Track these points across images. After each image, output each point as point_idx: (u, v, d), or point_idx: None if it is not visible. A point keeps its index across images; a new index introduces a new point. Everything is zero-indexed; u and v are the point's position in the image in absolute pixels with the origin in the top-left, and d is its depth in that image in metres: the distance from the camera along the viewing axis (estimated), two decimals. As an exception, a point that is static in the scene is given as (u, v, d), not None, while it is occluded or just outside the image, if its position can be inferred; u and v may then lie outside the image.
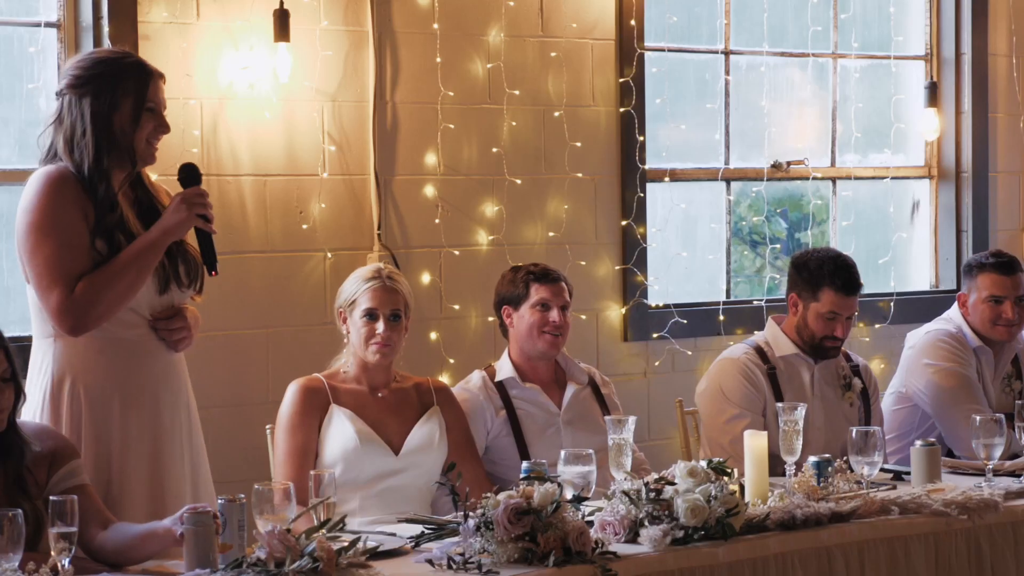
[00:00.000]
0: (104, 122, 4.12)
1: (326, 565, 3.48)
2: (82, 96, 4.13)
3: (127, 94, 4.15)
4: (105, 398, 4.13)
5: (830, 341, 5.34)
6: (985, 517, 4.49)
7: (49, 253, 4.04)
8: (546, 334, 5.05)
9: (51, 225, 4.05)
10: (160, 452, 4.21)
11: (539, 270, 5.13)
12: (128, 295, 4.09)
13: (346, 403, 4.70)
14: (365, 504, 4.61)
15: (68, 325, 4.07)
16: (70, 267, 4.04)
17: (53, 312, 4.07)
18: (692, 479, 4.00)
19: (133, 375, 4.17)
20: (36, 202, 4.08)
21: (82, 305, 4.03)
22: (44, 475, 3.84)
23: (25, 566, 3.41)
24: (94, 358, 4.13)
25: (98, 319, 4.07)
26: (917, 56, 7.41)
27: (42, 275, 4.06)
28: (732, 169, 6.90)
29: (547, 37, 6.26)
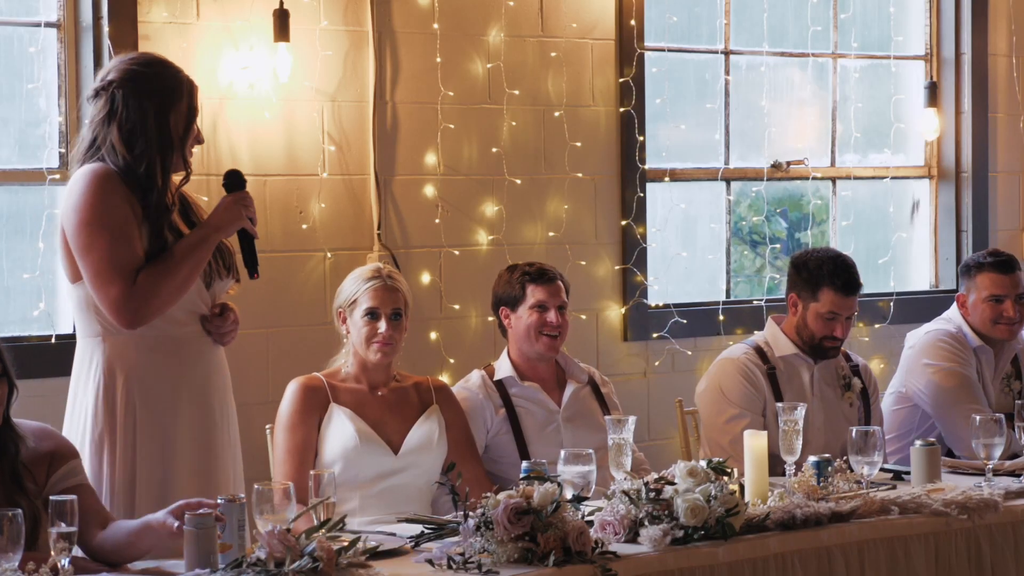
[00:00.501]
0: (162, 122, 4.13)
1: (326, 565, 3.47)
2: (141, 93, 4.14)
3: (182, 99, 4.17)
4: (159, 395, 4.14)
5: (829, 341, 5.34)
6: (985, 517, 4.49)
7: (105, 248, 4.04)
8: (544, 336, 5.05)
9: (103, 220, 4.06)
10: (212, 447, 4.24)
11: (535, 270, 5.11)
12: (184, 288, 4.11)
13: (346, 402, 4.70)
14: (365, 503, 4.61)
15: (127, 318, 4.06)
16: (127, 260, 4.05)
17: (112, 305, 4.05)
18: (692, 479, 4.00)
19: (185, 371, 4.18)
20: (85, 199, 4.08)
21: (142, 297, 4.04)
22: (43, 474, 3.84)
23: (25, 566, 3.41)
24: (146, 356, 4.14)
25: (156, 312, 4.08)
26: (917, 56, 7.41)
27: (99, 270, 4.05)
28: (732, 169, 6.90)
29: (547, 37, 6.26)
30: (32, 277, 5.39)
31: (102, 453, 4.12)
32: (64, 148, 5.40)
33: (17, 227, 5.43)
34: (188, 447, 4.18)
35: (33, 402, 4.82)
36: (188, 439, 4.18)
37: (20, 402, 4.17)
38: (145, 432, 4.12)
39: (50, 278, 5.44)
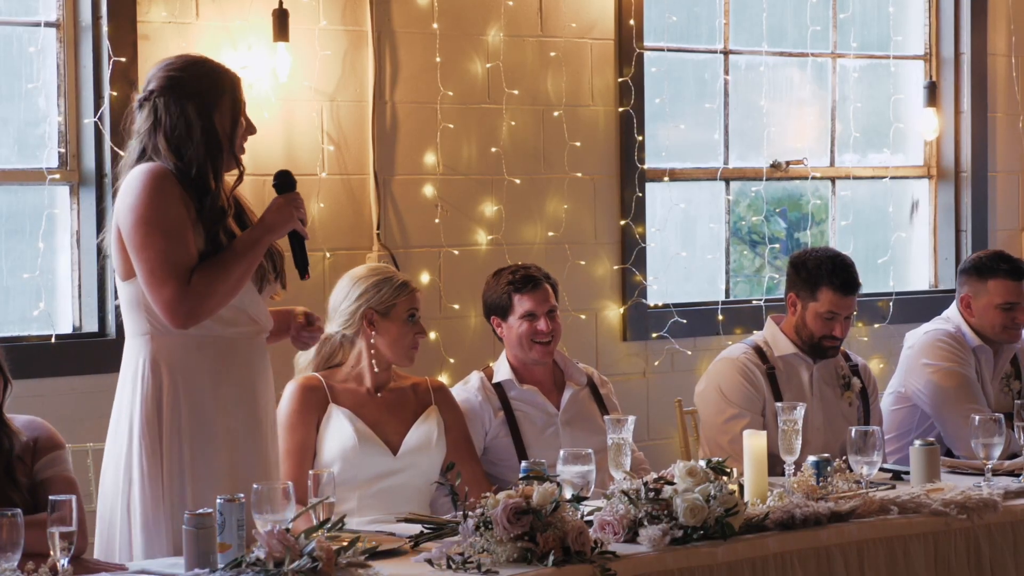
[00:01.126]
0: (208, 123, 4.12)
1: (325, 565, 3.48)
2: (182, 98, 4.11)
3: (224, 95, 4.16)
4: (206, 394, 4.13)
5: (828, 341, 5.34)
6: (984, 517, 4.49)
7: (160, 247, 4.03)
8: (537, 344, 5.04)
9: (159, 219, 4.04)
10: (259, 449, 4.22)
11: (519, 277, 5.05)
12: (237, 289, 4.10)
13: (344, 402, 4.70)
14: (363, 504, 4.61)
15: (181, 317, 4.05)
16: (182, 260, 4.04)
17: (166, 305, 4.04)
18: (691, 479, 4.00)
19: (231, 372, 4.17)
20: (141, 197, 4.05)
21: (196, 297, 4.03)
22: (29, 463, 3.87)
23: (24, 566, 3.42)
24: (193, 355, 4.13)
25: (209, 312, 4.07)
26: (916, 56, 7.41)
27: (154, 269, 4.03)
28: (731, 169, 6.90)
29: (546, 37, 6.26)
30: (32, 277, 5.39)
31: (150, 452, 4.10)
32: (63, 148, 5.41)
33: (16, 227, 5.43)
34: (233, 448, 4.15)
35: (33, 401, 4.83)
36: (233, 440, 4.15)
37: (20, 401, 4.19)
38: (190, 431, 4.10)
39: (50, 278, 5.45)
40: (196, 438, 4.10)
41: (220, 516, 3.59)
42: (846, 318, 5.33)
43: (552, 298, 5.07)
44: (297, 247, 4.25)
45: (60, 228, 5.45)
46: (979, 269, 5.74)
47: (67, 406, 5.21)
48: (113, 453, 4.14)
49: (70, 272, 5.46)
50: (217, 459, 4.13)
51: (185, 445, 4.10)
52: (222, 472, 4.12)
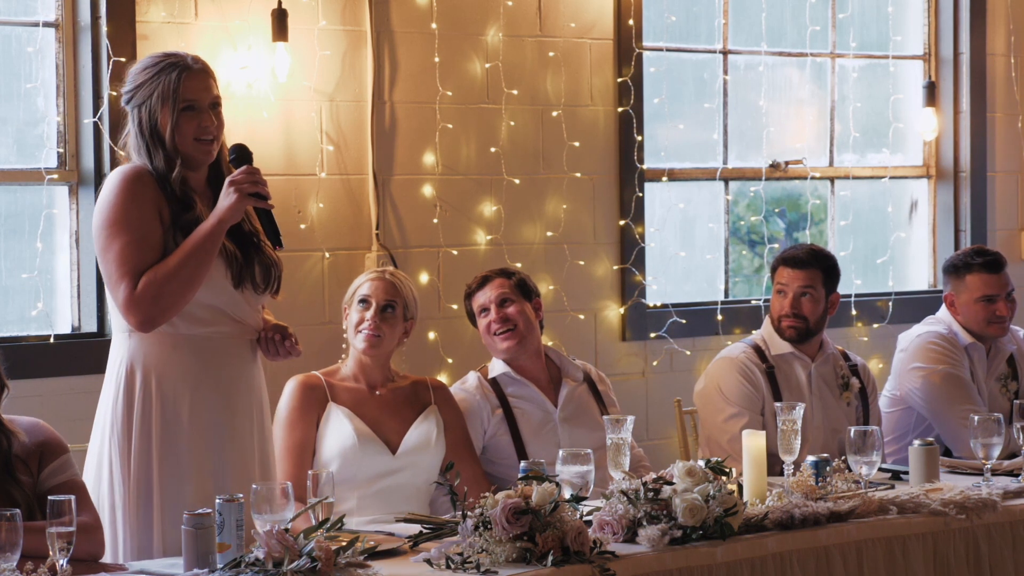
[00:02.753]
0: (152, 130, 4.14)
1: (324, 565, 3.47)
2: (132, 107, 4.18)
3: (163, 99, 4.15)
4: (177, 394, 4.14)
5: (786, 319, 5.36)
6: (983, 517, 4.49)
7: (119, 249, 4.05)
8: (497, 336, 5.05)
9: (123, 222, 4.06)
10: (229, 453, 4.21)
11: (475, 280, 5.15)
12: (191, 286, 4.08)
13: (344, 401, 4.70)
14: (363, 503, 4.61)
15: (136, 319, 4.07)
16: (139, 262, 4.05)
17: (122, 307, 4.07)
18: (690, 479, 4.00)
19: (206, 373, 4.17)
20: (110, 200, 4.10)
21: (148, 299, 4.03)
22: (35, 466, 3.87)
23: (23, 566, 3.42)
24: (168, 353, 4.14)
25: (164, 312, 4.07)
26: (915, 56, 7.41)
27: (111, 271, 4.07)
28: (730, 169, 6.90)
29: (545, 37, 6.26)
30: (30, 277, 5.39)
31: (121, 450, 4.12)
32: (62, 148, 5.41)
33: (15, 227, 5.43)
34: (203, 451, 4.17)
35: (31, 401, 4.84)
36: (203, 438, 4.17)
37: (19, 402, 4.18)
38: (160, 429, 4.12)
39: (48, 278, 5.44)
40: (165, 438, 4.11)
41: (219, 516, 3.59)
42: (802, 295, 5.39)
43: (504, 289, 5.07)
44: (264, 219, 4.24)
45: (59, 228, 5.45)
46: (956, 266, 5.78)
47: (66, 406, 5.21)
48: (93, 451, 4.17)
49: (69, 272, 5.46)
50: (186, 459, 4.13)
51: (154, 444, 4.11)
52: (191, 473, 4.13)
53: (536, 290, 5.18)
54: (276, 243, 4.25)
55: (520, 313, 5.05)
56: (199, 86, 4.18)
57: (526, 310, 5.07)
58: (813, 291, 5.36)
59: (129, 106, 4.19)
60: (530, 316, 5.08)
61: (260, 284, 4.23)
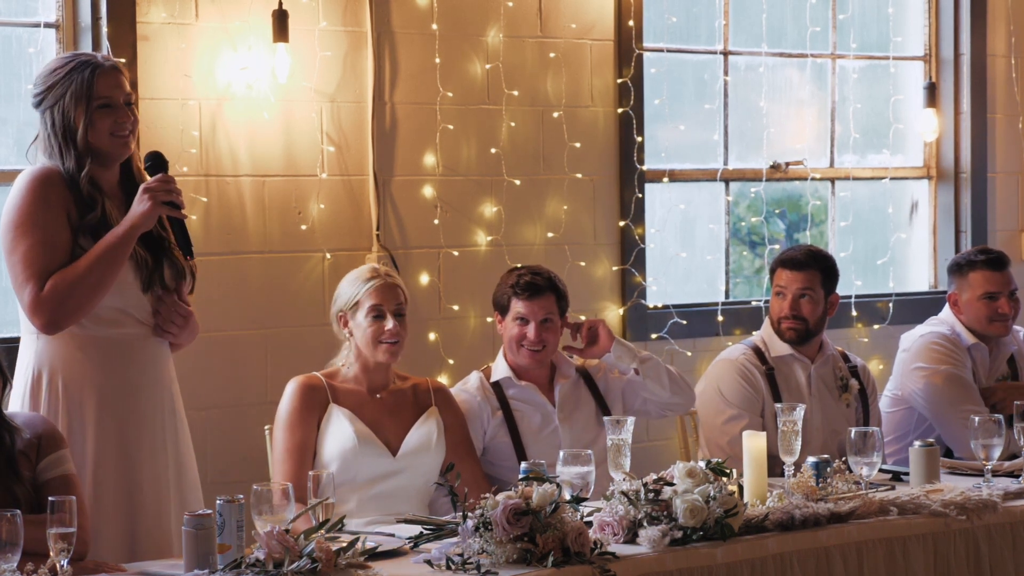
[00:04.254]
0: (66, 130, 4.15)
1: (324, 565, 3.48)
2: (44, 109, 4.21)
3: (77, 98, 4.17)
4: (82, 395, 4.15)
5: (785, 322, 5.36)
6: (984, 518, 4.49)
7: (25, 250, 4.08)
8: (524, 348, 5.03)
9: (30, 223, 4.08)
10: (137, 453, 4.22)
11: (524, 282, 5.02)
12: (99, 290, 4.09)
13: (345, 403, 4.70)
14: (362, 505, 4.61)
15: (41, 322, 4.09)
16: (45, 264, 4.06)
17: (27, 309, 4.10)
18: (691, 480, 4.00)
19: (112, 374, 4.18)
20: (17, 201, 4.13)
21: (53, 301, 4.05)
22: (33, 459, 3.88)
23: (23, 566, 3.42)
24: (72, 355, 4.15)
25: (70, 315, 4.08)
26: (916, 57, 7.41)
27: (17, 273, 4.10)
28: (731, 170, 6.90)
29: (546, 38, 6.26)
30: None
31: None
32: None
33: (16, 228, 5.42)
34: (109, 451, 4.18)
35: (32, 402, 4.82)
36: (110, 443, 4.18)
37: (19, 402, 4.19)
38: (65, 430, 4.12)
39: (49, 279, 5.44)
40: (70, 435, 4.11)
41: (219, 517, 3.59)
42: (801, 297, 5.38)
43: (551, 308, 5.01)
44: (176, 230, 4.24)
45: (59, 229, 5.45)
46: (960, 265, 5.80)
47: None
48: None
49: (69, 273, 5.45)
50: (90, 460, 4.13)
51: None
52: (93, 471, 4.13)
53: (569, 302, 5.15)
54: (187, 253, 4.26)
55: (554, 336, 5.04)
56: (112, 83, 4.21)
57: (558, 333, 5.06)
58: (812, 292, 5.36)
59: (40, 108, 4.20)
60: (558, 338, 5.07)
61: (169, 286, 4.25)
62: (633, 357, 5.04)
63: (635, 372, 5.05)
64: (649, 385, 5.05)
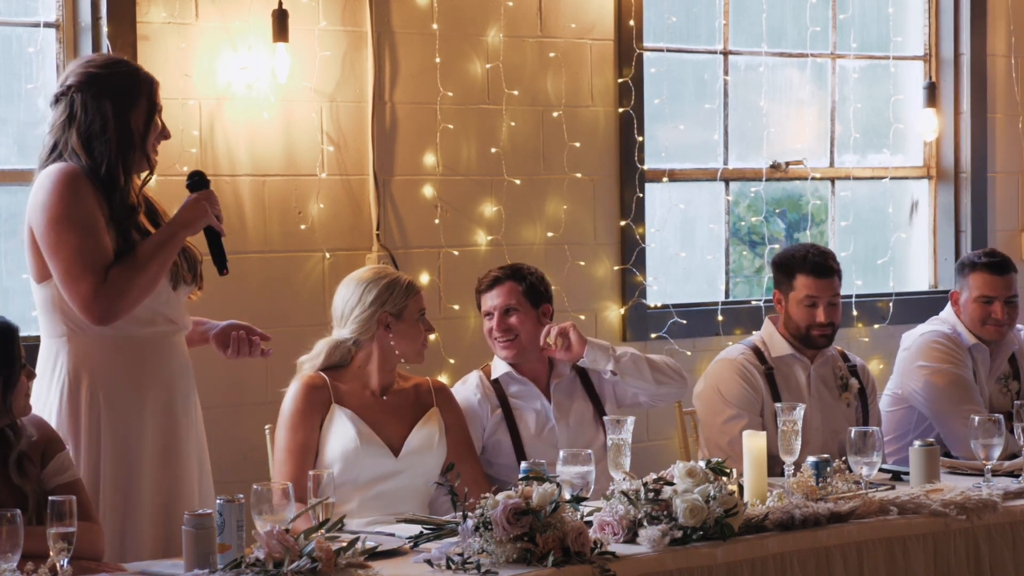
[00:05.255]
0: (122, 122, 4.14)
1: (324, 565, 3.47)
2: (99, 95, 4.15)
3: (142, 96, 4.18)
4: (124, 396, 4.15)
5: (816, 329, 5.34)
6: (984, 517, 4.49)
7: (75, 244, 4.05)
8: (497, 341, 5.04)
9: (72, 217, 4.06)
10: (175, 450, 4.24)
11: (486, 279, 5.10)
12: (153, 284, 4.12)
13: (348, 403, 4.69)
14: (363, 505, 4.61)
15: (97, 313, 4.06)
16: (97, 257, 4.05)
17: (83, 301, 4.05)
18: (691, 479, 4.00)
19: (150, 373, 4.19)
20: (53, 197, 4.08)
21: (113, 293, 4.04)
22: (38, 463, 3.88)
23: (24, 566, 3.42)
24: (110, 356, 4.14)
25: (127, 308, 4.09)
26: (916, 56, 7.41)
27: (70, 267, 4.05)
28: (731, 169, 6.90)
29: (546, 37, 6.26)
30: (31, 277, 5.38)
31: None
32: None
33: (16, 228, 5.42)
34: (152, 448, 4.19)
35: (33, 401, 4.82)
36: (152, 440, 4.19)
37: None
38: (109, 433, 4.13)
39: (49, 278, 5.44)
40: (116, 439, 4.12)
41: (219, 517, 3.59)
42: (829, 304, 5.32)
43: (513, 297, 5.04)
44: (214, 243, 4.27)
45: (59, 229, 5.44)
46: (964, 264, 5.82)
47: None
48: None
49: (69, 273, 5.45)
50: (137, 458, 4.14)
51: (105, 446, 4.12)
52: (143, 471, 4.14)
53: (548, 293, 5.12)
54: (223, 268, 4.29)
55: (522, 324, 5.03)
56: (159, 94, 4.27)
57: (530, 320, 5.05)
58: (838, 298, 5.38)
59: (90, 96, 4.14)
60: (534, 325, 5.06)
61: (188, 276, 4.28)
62: (608, 359, 5.01)
63: (612, 373, 5.04)
64: (629, 382, 5.06)
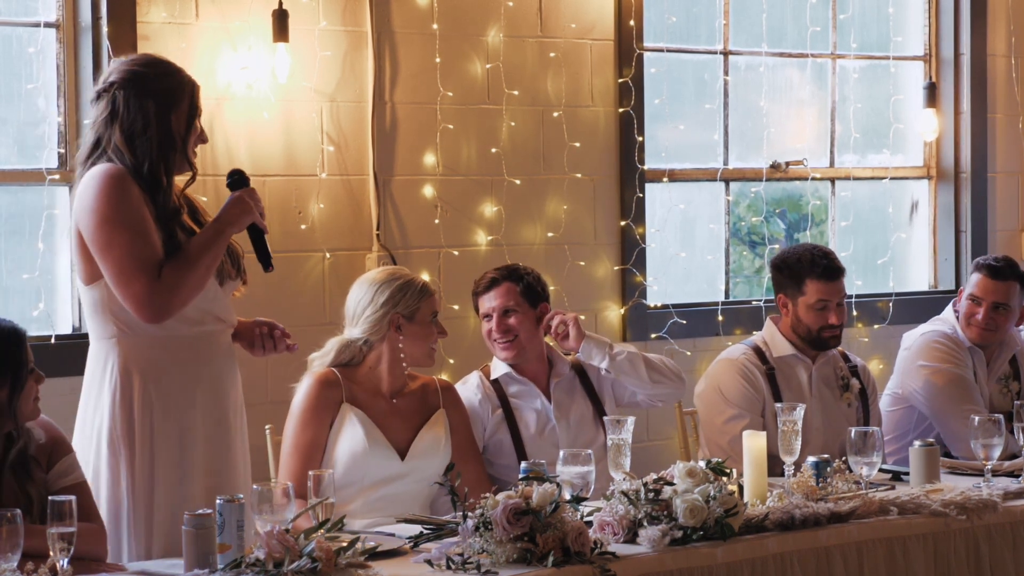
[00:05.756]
0: (164, 123, 4.13)
1: (325, 565, 3.47)
2: (142, 95, 4.13)
3: (184, 98, 4.18)
4: (176, 395, 4.14)
5: (828, 331, 5.34)
6: (984, 517, 4.49)
7: (126, 244, 4.03)
8: (496, 342, 5.04)
9: (121, 217, 4.05)
10: (226, 447, 4.24)
11: (482, 281, 5.10)
12: (204, 281, 4.13)
13: (358, 403, 4.68)
14: (366, 506, 4.60)
15: (152, 312, 4.05)
16: (148, 255, 4.04)
17: (137, 300, 4.04)
18: (691, 479, 4.00)
19: (200, 371, 4.19)
20: (101, 198, 4.06)
21: (167, 291, 4.04)
22: (45, 466, 3.88)
23: (24, 566, 3.42)
24: (161, 356, 4.14)
25: (180, 306, 4.09)
26: (916, 56, 7.41)
27: (123, 266, 4.03)
28: (731, 169, 6.90)
29: (546, 37, 6.26)
30: (31, 277, 5.39)
31: (119, 454, 4.12)
32: (63, 148, 5.41)
33: (16, 227, 5.43)
34: (204, 446, 4.19)
35: (32, 402, 4.82)
36: (204, 438, 4.19)
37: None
38: (162, 432, 4.12)
39: (49, 278, 5.44)
40: (169, 439, 4.12)
41: (219, 517, 3.59)
42: (838, 305, 5.34)
43: (511, 298, 5.03)
44: (258, 241, 4.27)
45: (59, 229, 5.45)
46: (974, 263, 5.81)
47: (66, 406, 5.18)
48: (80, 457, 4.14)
49: (69, 273, 5.46)
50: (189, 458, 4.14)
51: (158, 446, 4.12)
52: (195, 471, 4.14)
53: (545, 293, 5.13)
54: (268, 265, 4.30)
55: (521, 324, 5.04)
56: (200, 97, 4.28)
57: (528, 320, 5.05)
58: (844, 298, 5.39)
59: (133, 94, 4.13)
60: (532, 325, 5.06)
61: (233, 272, 4.28)
62: (603, 355, 5.02)
63: (606, 371, 5.05)
64: (624, 380, 5.06)
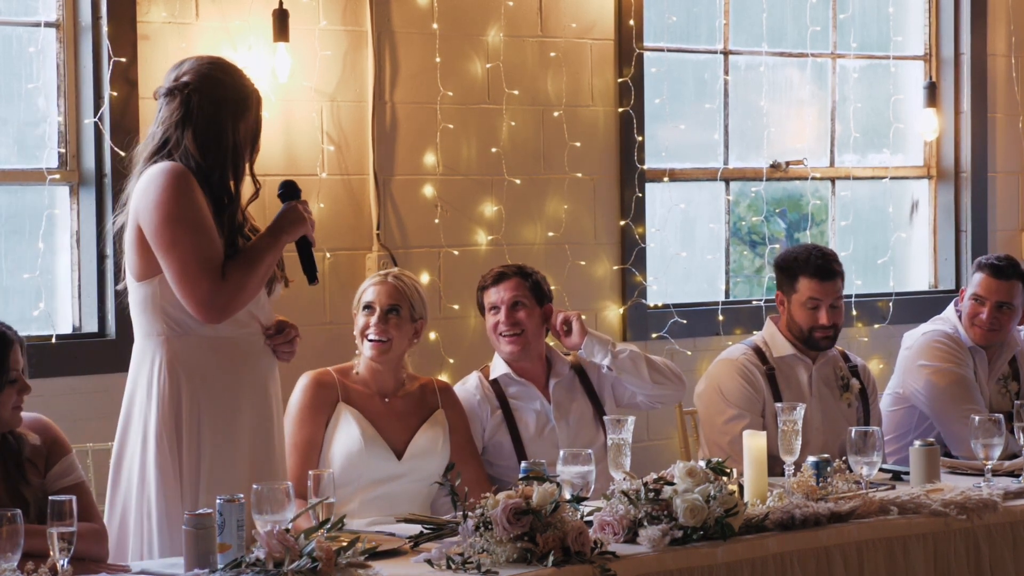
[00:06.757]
0: (235, 132, 4.14)
1: (325, 565, 3.48)
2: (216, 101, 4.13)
3: (251, 109, 4.20)
4: (223, 396, 4.14)
5: (819, 331, 5.34)
6: (984, 517, 4.49)
7: (190, 243, 4.03)
8: (503, 337, 5.04)
9: (186, 216, 4.04)
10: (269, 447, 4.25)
11: (490, 275, 5.10)
12: (260, 286, 4.15)
13: (354, 403, 4.69)
14: (364, 506, 4.60)
15: (214, 312, 4.05)
16: (213, 255, 4.05)
17: (200, 299, 4.03)
18: (691, 479, 4.00)
19: (246, 371, 4.19)
20: (165, 196, 4.04)
21: (231, 291, 4.05)
22: (43, 467, 3.87)
23: (24, 566, 3.42)
24: (208, 356, 4.13)
25: (240, 306, 4.10)
26: (916, 56, 7.41)
27: (188, 265, 4.02)
28: (731, 169, 6.90)
29: (546, 37, 6.26)
30: (32, 277, 5.39)
31: (168, 453, 4.11)
32: (63, 148, 5.41)
33: (16, 227, 5.43)
34: (248, 448, 4.19)
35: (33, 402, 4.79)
36: (249, 440, 4.19)
37: (20, 402, 4.19)
38: (209, 433, 4.12)
39: (49, 278, 5.44)
40: (216, 438, 4.12)
41: (220, 516, 3.59)
42: (831, 307, 5.33)
43: (520, 291, 5.04)
44: (305, 252, 4.28)
45: (60, 228, 5.45)
46: (976, 262, 5.81)
47: (67, 406, 5.21)
48: (127, 455, 4.14)
49: (70, 272, 5.46)
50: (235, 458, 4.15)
51: (204, 446, 4.12)
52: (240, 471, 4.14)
53: (550, 294, 5.14)
54: (312, 278, 4.31)
55: (529, 319, 5.04)
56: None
57: (535, 316, 5.05)
58: (841, 300, 5.38)
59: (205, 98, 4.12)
60: (537, 323, 5.07)
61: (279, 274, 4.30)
62: (605, 353, 5.02)
63: (608, 368, 5.05)
64: (625, 379, 5.06)
